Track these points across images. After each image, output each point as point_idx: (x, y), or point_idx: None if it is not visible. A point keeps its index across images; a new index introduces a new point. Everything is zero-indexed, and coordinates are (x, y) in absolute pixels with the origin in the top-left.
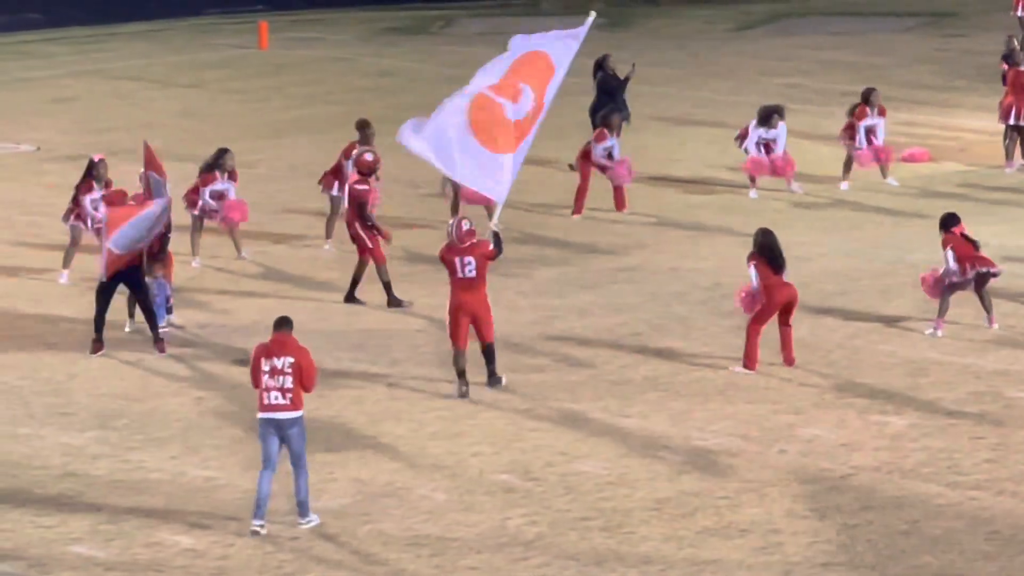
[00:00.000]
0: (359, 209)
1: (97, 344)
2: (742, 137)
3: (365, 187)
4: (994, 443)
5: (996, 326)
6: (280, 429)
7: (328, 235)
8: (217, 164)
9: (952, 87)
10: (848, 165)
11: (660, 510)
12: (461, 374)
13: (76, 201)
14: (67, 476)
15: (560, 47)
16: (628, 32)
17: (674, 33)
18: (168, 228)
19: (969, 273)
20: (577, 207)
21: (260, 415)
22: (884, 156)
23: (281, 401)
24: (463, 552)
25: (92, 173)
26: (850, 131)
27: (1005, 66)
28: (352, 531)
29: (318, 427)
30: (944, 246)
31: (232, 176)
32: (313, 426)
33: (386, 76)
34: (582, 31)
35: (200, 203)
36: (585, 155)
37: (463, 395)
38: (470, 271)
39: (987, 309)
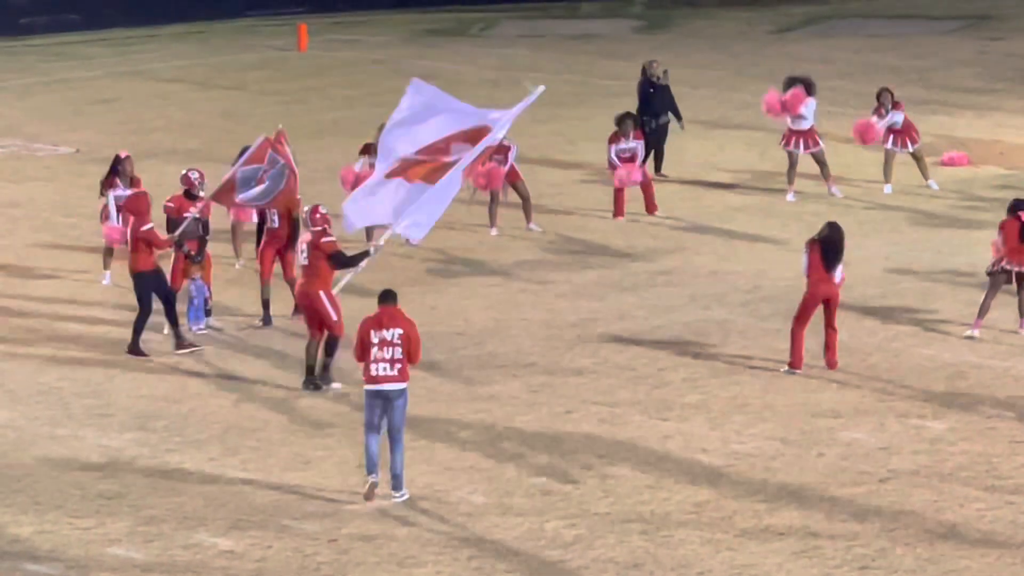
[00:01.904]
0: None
1: (132, 347)
2: (788, 140)
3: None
4: None
5: None
6: (386, 401)
7: (369, 238)
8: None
9: (992, 90)
10: (887, 168)
11: (698, 513)
12: (308, 369)
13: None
14: (106, 477)
15: (504, 120)
16: (667, 34)
17: (714, 35)
18: (206, 231)
19: (1003, 265)
20: (618, 209)
21: (367, 387)
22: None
23: (389, 372)
24: (501, 555)
25: (116, 169)
26: (889, 132)
27: None
28: (390, 533)
29: (355, 429)
30: (1004, 227)
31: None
32: (351, 428)
33: (426, 78)
34: (524, 105)
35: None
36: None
37: (305, 387)
38: (304, 258)
39: (1022, 312)
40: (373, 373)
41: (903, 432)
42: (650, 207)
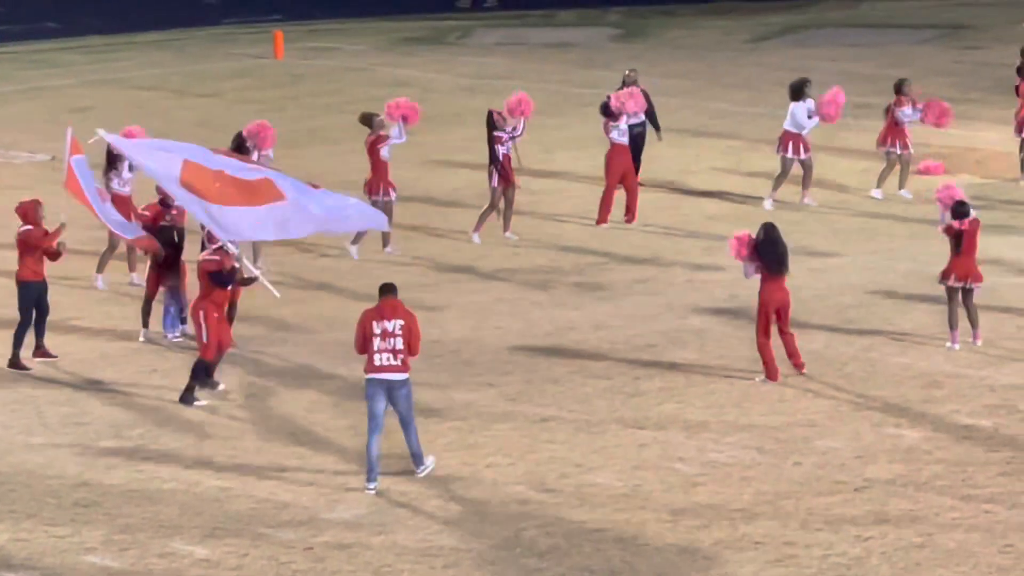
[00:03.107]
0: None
1: (13, 360)
2: (783, 145)
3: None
4: (1008, 456)
5: (980, 342)
6: (389, 390)
7: (356, 241)
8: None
9: (968, 99)
10: (884, 174)
11: (674, 522)
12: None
13: (111, 194)
14: (81, 486)
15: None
16: (644, 43)
17: (691, 44)
18: (180, 237)
19: (950, 282)
20: (602, 215)
21: (369, 376)
22: (940, 110)
23: (392, 362)
24: (477, 563)
25: (113, 158)
26: (892, 135)
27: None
28: (366, 542)
29: (333, 438)
30: (948, 232)
31: None
32: (328, 437)
33: (403, 86)
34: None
35: None
36: (610, 161)
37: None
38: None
39: (973, 324)
40: (376, 363)
41: (879, 441)
42: (631, 214)
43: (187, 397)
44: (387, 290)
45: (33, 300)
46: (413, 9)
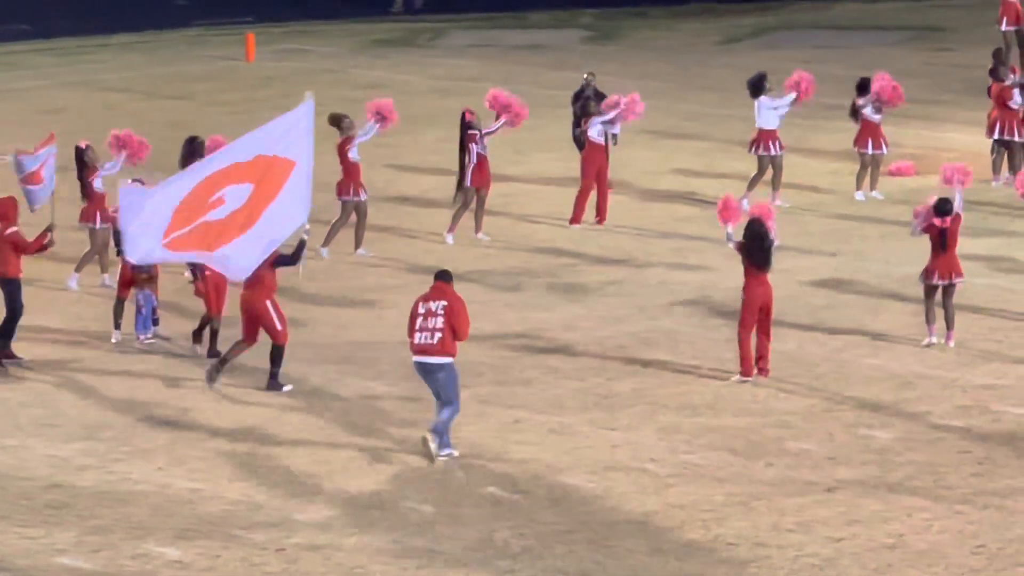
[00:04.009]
0: None
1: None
2: (757, 143)
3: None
4: (980, 457)
5: (953, 343)
6: (427, 372)
7: (327, 242)
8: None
9: (939, 101)
10: (862, 175)
11: (646, 523)
12: (221, 360)
13: (90, 196)
14: (53, 487)
15: (291, 139)
16: (616, 44)
17: (662, 46)
18: None
19: (933, 281)
20: (576, 215)
21: (413, 358)
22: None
23: (429, 342)
24: (450, 564)
25: (84, 160)
26: (861, 135)
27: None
28: (339, 543)
29: (306, 438)
30: (929, 231)
31: None
32: (299, 438)
33: (375, 88)
34: (301, 113)
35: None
36: (586, 160)
37: (208, 380)
38: None
39: (948, 324)
40: (416, 342)
41: (851, 442)
42: (601, 215)
43: (273, 384)
44: (439, 275)
45: (20, 295)
46: (353, 13)
